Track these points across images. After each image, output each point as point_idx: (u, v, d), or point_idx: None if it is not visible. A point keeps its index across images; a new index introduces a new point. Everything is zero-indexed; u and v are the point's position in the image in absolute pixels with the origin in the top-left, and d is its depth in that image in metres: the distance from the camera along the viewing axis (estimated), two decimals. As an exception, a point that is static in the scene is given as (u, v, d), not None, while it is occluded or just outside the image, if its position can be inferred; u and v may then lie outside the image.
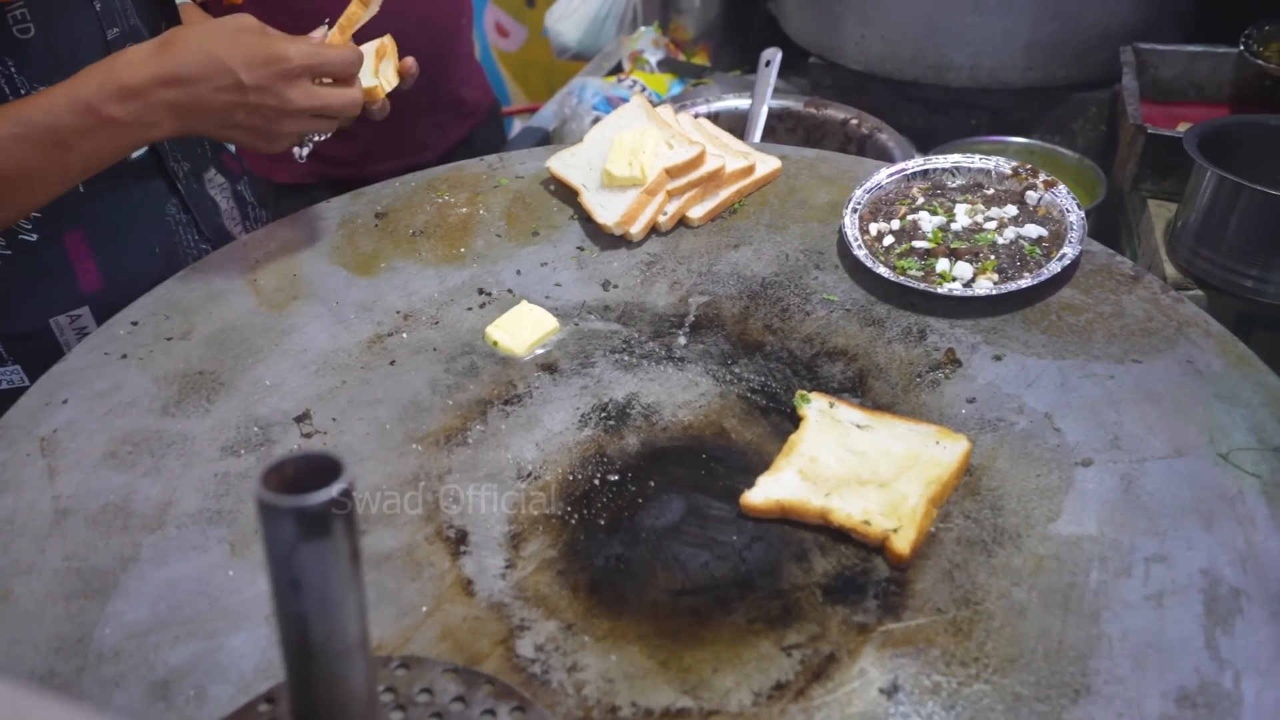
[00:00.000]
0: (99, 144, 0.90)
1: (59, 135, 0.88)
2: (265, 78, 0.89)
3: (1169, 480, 0.82)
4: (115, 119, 0.87)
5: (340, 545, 0.49)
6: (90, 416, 0.94)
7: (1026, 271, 1.04)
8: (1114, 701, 0.67)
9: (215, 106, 0.89)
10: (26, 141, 0.88)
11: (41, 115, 0.88)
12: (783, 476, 0.86)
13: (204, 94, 0.88)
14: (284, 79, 0.90)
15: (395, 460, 0.91)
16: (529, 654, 0.75)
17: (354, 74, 0.97)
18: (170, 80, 0.87)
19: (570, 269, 1.13)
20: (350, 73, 0.96)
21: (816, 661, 0.73)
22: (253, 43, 0.90)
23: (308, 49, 0.93)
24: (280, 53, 0.90)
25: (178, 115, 0.89)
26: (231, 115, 0.90)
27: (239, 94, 0.89)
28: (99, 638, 0.75)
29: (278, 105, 0.91)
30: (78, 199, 1.07)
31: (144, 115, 0.88)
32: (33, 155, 0.89)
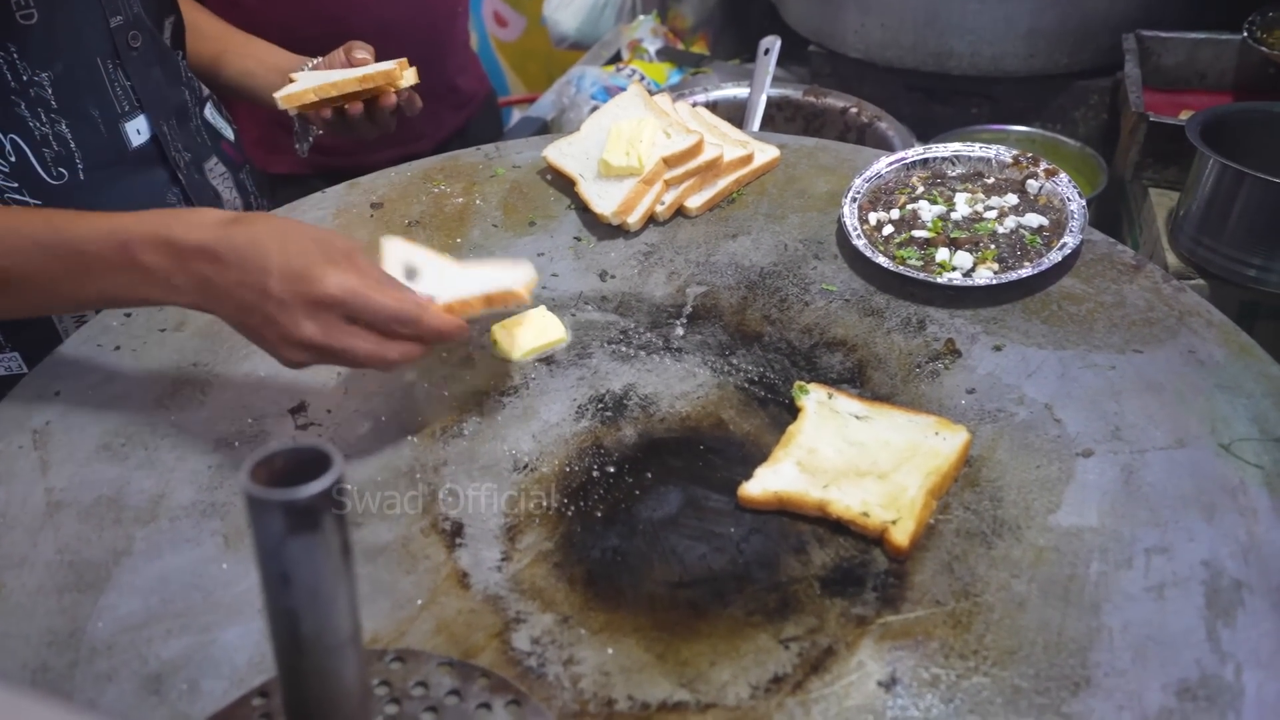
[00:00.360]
0: (120, 284, 0.82)
1: (84, 260, 0.81)
2: (290, 294, 0.79)
3: (1170, 471, 0.82)
4: (145, 268, 0.81)
5: (330, 539, 0.48)
6: (83, 409, 0.93)
7: (1027, 261, 1.03)
8: (1114, 694, 0.67)
9: (236, 300, 0.80)
10: (51, 254, 0.82)
11: (75, 235, 0.82)
12: (781, 468, 0.85)
13: (231, 283, 0.80)
14: (307, 304, 0.79)
15: (390, 452, 0.90)
16: (525, 647, 0.74)
17: (401, 332, 0.81)
18: (211, 256, 0.80)
19: (567, 259, 1.12)
20: (395, 331, 0.81)
21: (814, 654, 0.72)
22: (300, 254, 0.80)
23: (349, 284, 0.79)
24: (315, 275, 0.78)
25: (203, 292, 0.81)
26: (248, 315, 0.81)
27: (260, 298, 0.79)
28: (91, 631, 0.75)
29: (288, 328, 0.79)
30: (79, 187, 1.06)
31: (173, 276, 0.81)
32: (50, 269, 0.82)
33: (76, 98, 1.05)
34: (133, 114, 1.11)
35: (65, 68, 1.04)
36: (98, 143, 1.08)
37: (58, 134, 1.04)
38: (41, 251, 0.81)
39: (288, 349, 0.81)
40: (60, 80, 1.03)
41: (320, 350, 0.80)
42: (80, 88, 1.05)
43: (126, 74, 1.10)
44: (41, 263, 0.81)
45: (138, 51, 1.11)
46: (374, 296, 0.80)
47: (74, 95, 1.05)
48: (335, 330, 0.80)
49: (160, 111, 1.14)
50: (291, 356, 0.82)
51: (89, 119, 1.07)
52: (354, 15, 1.62)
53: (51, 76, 1.03)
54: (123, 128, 1.10)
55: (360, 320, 0.80)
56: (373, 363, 0.82)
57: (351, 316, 0.80)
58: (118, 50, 1.08)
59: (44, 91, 1.03)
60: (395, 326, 0.81)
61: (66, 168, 1.06)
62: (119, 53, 1.09)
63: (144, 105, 1.12)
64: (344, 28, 1.61)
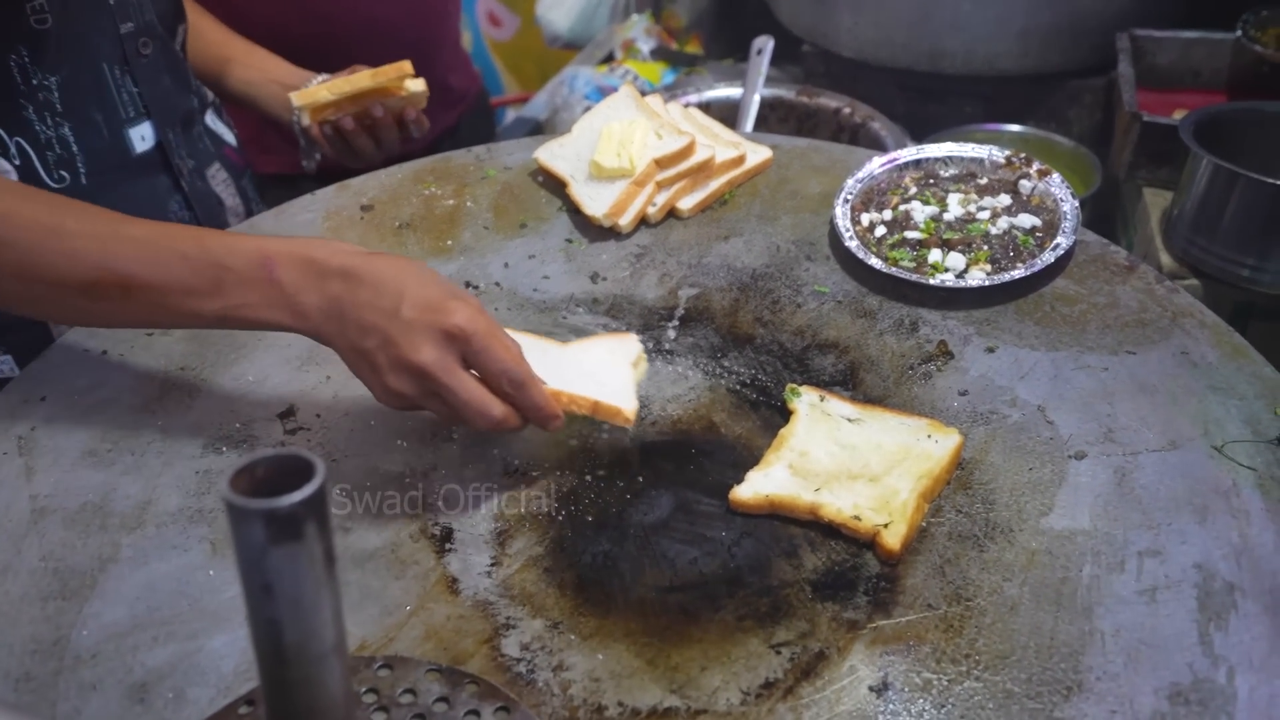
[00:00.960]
0: (247, 300, 0.80)
1: (221, 274, 0.80)
2: (418, 318, 0.78)
3: (1163, 473, 0.81)
4: (279, 284, 0.79)
5: (313, 548, 0.47)
6: (69, 414, 0.93)
7: (1020, 262, 1.03)
8: (1106, 698, 0.66)
9: (360, 321, 0.79)
10: (191, 265, 0.80)
11: (221, 250, 0.80)
12: (772, 471, 0.85)
13: (362, 302, 0.79)
14: (433, 330, 0.78)
15: (380, 457, 0.90)
16: (514, 653, 0.74)
17: (504, 389, 0.80)
18: (350, 276, 0.79)
19: (558, 261, 1.12)
20: (504, 389, 0.80)
21: (806, 659, 0.72)
22: (438, 288, 0.80)
23: (480, 324, 0.79)
24: (449, 307, 0.78)
25: (328, 312, 0.79)
26: (367, 336, 0.79)
27: (386, 319, 0.78)
28: (76, 639, 0.74)
29: (406, 351, 0.77)
30: (80, 191, 1.06)
31: (304, 294, 0.79)
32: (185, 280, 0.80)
33: (80, 102, 1.05)
34: (138, 120, 1.11)
35: (72, 72, 1.04)
36: (99, 147, 1.07)
37: (60, 137, 1.04)
38: (182, 262, 0.80)
39: (397, 376, 0.79)
40: (66, 84, 1.03)
41: (429, 381, 0.78)
42: (84, 92, 1.05)
43: (135, 80, 1.10)
44: (179, 273, 0.80)
45: (148, 59, 1.11)
46: (495, 344, 0.79)
47: (78, 99, 1.05)
48: (451, 366, 0.78)
49: (167, 119, 1.14)
50: (397, 386, 0.79)
51: (92, 123, 1.07)
52: (344, 14, 1.61)
53: (59, 80, 1.03)
54: (126, 133, 1.10)
55: (475, 364, 0.79)
56: (473, 411, 0.79)
57: (469, 358, 0.79)
58: (126, 56, 1.08)
59: (51, 95, 1.03)
60: (504, 383, 0.80)
61: (68, 171, 1.06)
62: (128, 59, 1.09)
63: (151, 112, 1.12)
64: (334, 26, 1.61)
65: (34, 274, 0.81)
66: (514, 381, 0.80)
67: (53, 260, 0.80)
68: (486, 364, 0.79)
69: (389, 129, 1.27)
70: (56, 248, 0.80)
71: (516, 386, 0.80)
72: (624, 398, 0.87)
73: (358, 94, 1.23)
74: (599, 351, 0.92)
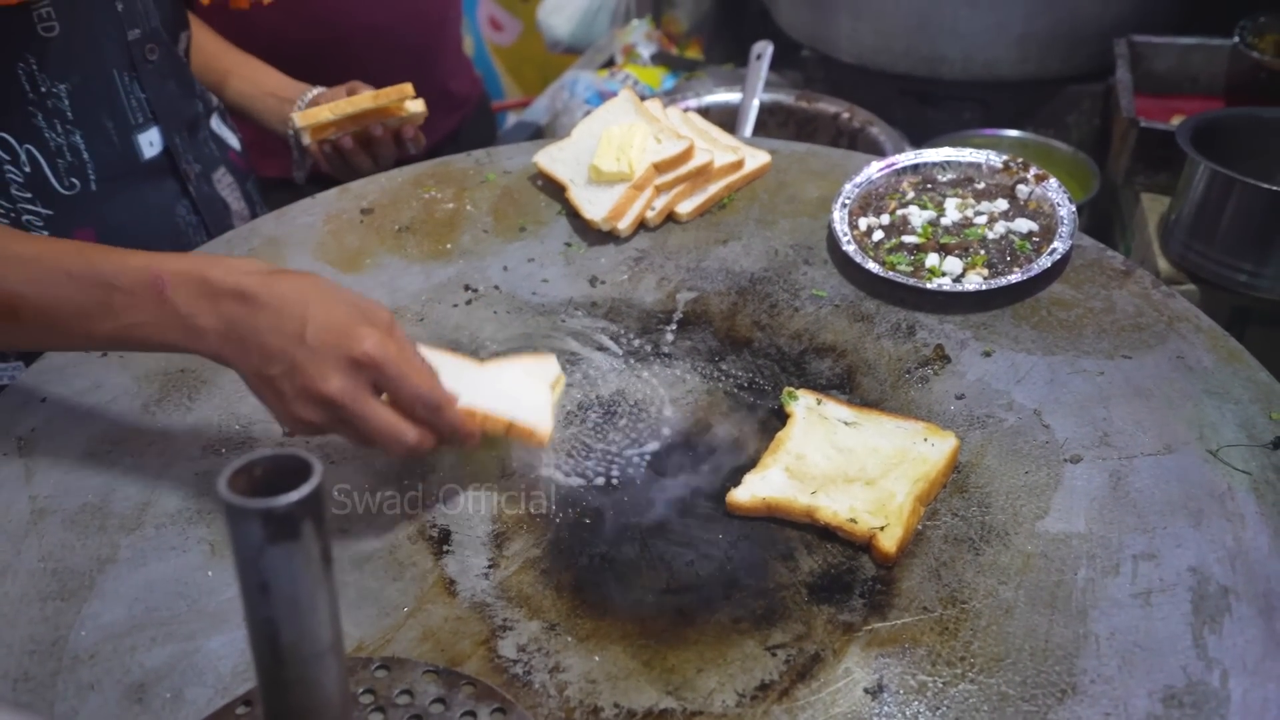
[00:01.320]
0: (139, 323, 0.78)
1: (110, 294, 0.77)
2: (324, 346, 0.74)
3: (1158, 477, 0.82)
4: (172, 305, 0.76)
5: (310, 548, 0.48)
6: (69, 415, 0.93)
7: (1016, 266, 1.03)
8: (1100, 701, 0.67)
9: (262, 347, 0.76)
10: (77, 284, 0.78)
11: (108, 269, 0.78)
12: (769, 474, 0.85)
13: (263, 327, 0.75)
14: (340, 359, 0.75)
15: (378, 458, 0.90)
16: (511, 654, 0.74)
17: (418, 414, 0.78)
18: (247, 298, 0.76)
19: (557, 265, 1.12)
20: (417, 413, 0.78)
21: (801, 661, 0.72)
22: (344, 312, 0.76)
23: (388, 350, 0.76)
24: (356, 333, 0.75)
25: (227, 336, 0.76)
26: (270, 363, 0.76)
27: (291, 345, 0.75)
28: (74, 640, 0.74)
29: (313, 380, 0.74)
30: (90, 197, 1.07)
31: (200, 316, 0.76)
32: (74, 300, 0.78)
33: (91, 109, 1.06)
34: (146, 126, 1.12)
35: (82, 79, 1.04)
36: (110, 154, 1.08)
37: (71, 144, 1.05)
38: (69, 282, 0.78)
39: (303, 405, 0.76)
40: (77, 91, 1.04)
41: (337, 410, 0.76)
42: (96, 99, 1.06)
43: (142, 86, 1.10)
44: (67, 294, 0.78)
45: (154, 64, 1.12)
46: (408, 369, 0.77)
47: (89, 106, 1.06)
48: (360, 395, 0.76)
49: (173, 123, 1.15)
50: (304, 414, 0.76)
51: (103, 130, 1.07)
52: (345, 20, 1.62)
53: (69, 88, 1.04)
54: (135, 139, 1.11)
55: (387, 390, 0.77)
56: (386, 438, 0.77)
57: (379, 384, 0.77)
58: (134, 63, 1.09)
59: (61, 102, 1.03)
60: (418, 407, 0.77)
61: (79, 178, 1.06)
62: (135, 65, 1.09)
63: (158, 117, 1.13)
64: (335, 33, 1.62)
65: None
66: (428, 406, 0.77)
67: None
68: (398, 390, 0.77)
69: (387, 145, 1.28)
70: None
71: (431, 411, 0.78)
72: (539, 418, 0.85)
73: (358, 114, 1.24)
74: (516, 371, 0.90)
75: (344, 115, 1.24)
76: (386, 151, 1.29)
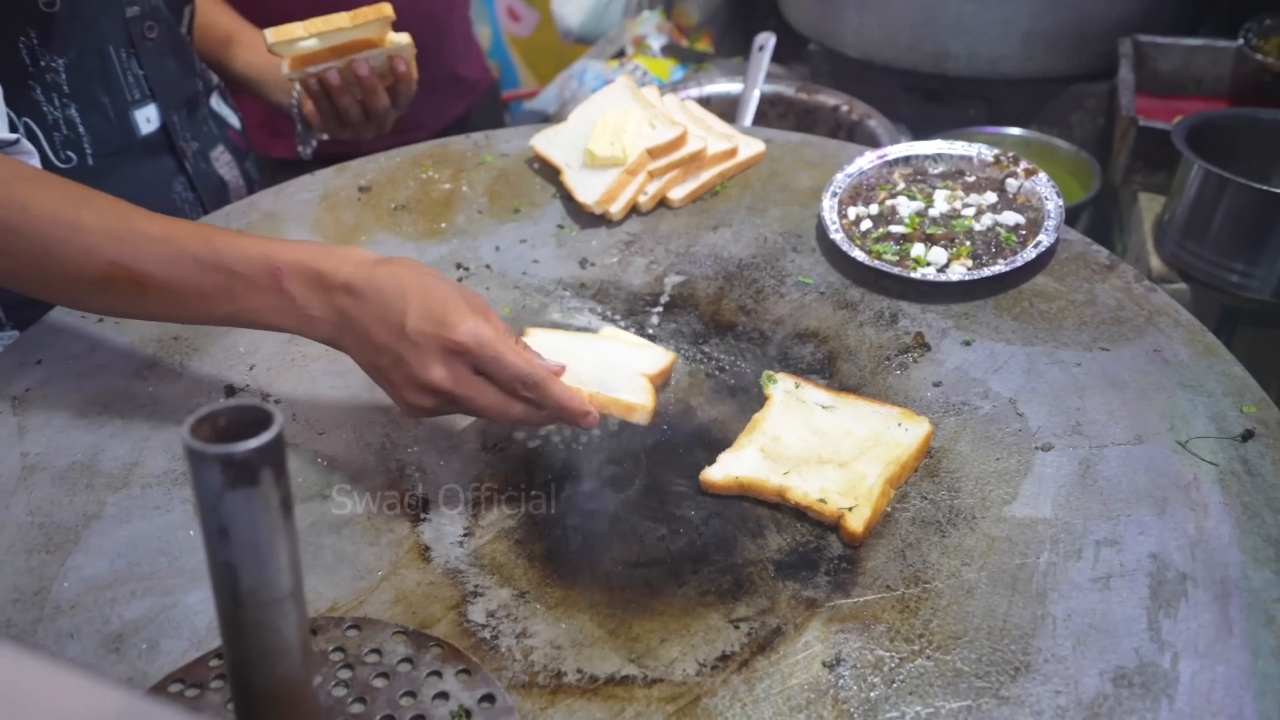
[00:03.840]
0: (259, 308, 0.82)
1: (232, 282, 0.81)
2: (424, 336, 0.78)
3: (1126, 466, 0.82)
4: (290, 295, 0.81)
5: (269, 495, 0.49)
6: (63, 377, 0.95)
7: (1001, 258, 1.04)
8: (1052, 679, 0.68)
9: (370, 338, 0.80)
10: (203, 268, 0.81)
11: (231, 255, 0.81)
12: (744, 454, 0.86)
13: (368, 318, 0.80)
14: (440, 348, 0.79)
15: (362, 428, 0.92)
16: (480, 619, 0.76)
17: (524, 395, 0.81)
18: (354, 291, 0.80)
19: (549, 246, 1.14)
20: (519, 391, 0.81)
21: (763, 634, 0.74)
22: (440, 300, 0.80)
23: (484, 334, 0.79)
24: (452, 320, 0.79)
25: (339, 326, 0.81)
26: (379, 354, 0.80)
27: (394, 338, 0.79)
28: (57, 591, 0.77)
29: (417, 370, 0.79)
30: (87, 172, 1.09)
31: (313, 307, 0.81)
32: (198, 283, 0.82)
33: (87, 84, 1.07)
34: (143, 102, 1.13)
35: (78, 54, 1.06)
36: (106, 129, 1.10)
37: (68, 119, 1.07)
38: (195, 265, 0.81)
39: (413, 392, 0.81)
40: (73, 66, 1.06)
41: (445, 396, 0.80)
42: (91, 74, 1.08)
43: (140, 63, 1.12)
44: (192, 276, 0.81)
45: (153, 42, 1.13)
46: (504, 351, 0.80)
47: (85, 81, 1.07)
48: (463, 378, 0.80)
49: (171, 101, 1.16)
50: (416, 400, 0.81)
51: (99, 105, 1.09)
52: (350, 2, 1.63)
53: (66, 62, 1.05)
54: (132, 115, 1.12)
55: (485, 372, 0.80)
56: (495, 415, 0.81)
57: (480, 368, 0.80)
58: (132, 40, 1.11)
59: (58, 76, 1.05)
60: (518, 386, 0.80)
61: (75, 152, 1.08)
62: (134, 42, 1.11)
63: (156, 95, 1.14)
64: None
65: (51, 266, 0.82)
66: (527, 384, 0.80)
67: (69, 254, 0.81)
68: (496, 373, 0.80)
69: (377, 93, 1.26)
70: (73, 242, 0.81)
71: (531, 388, 0.81)
72: (639, 395, 0.89)
73: (339, 45, 1.20)
74: (625, 350, 0.95)
75: (319, 34, 1.19)
76: (378, 100, 1.26)
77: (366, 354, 0.81)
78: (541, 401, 0.82)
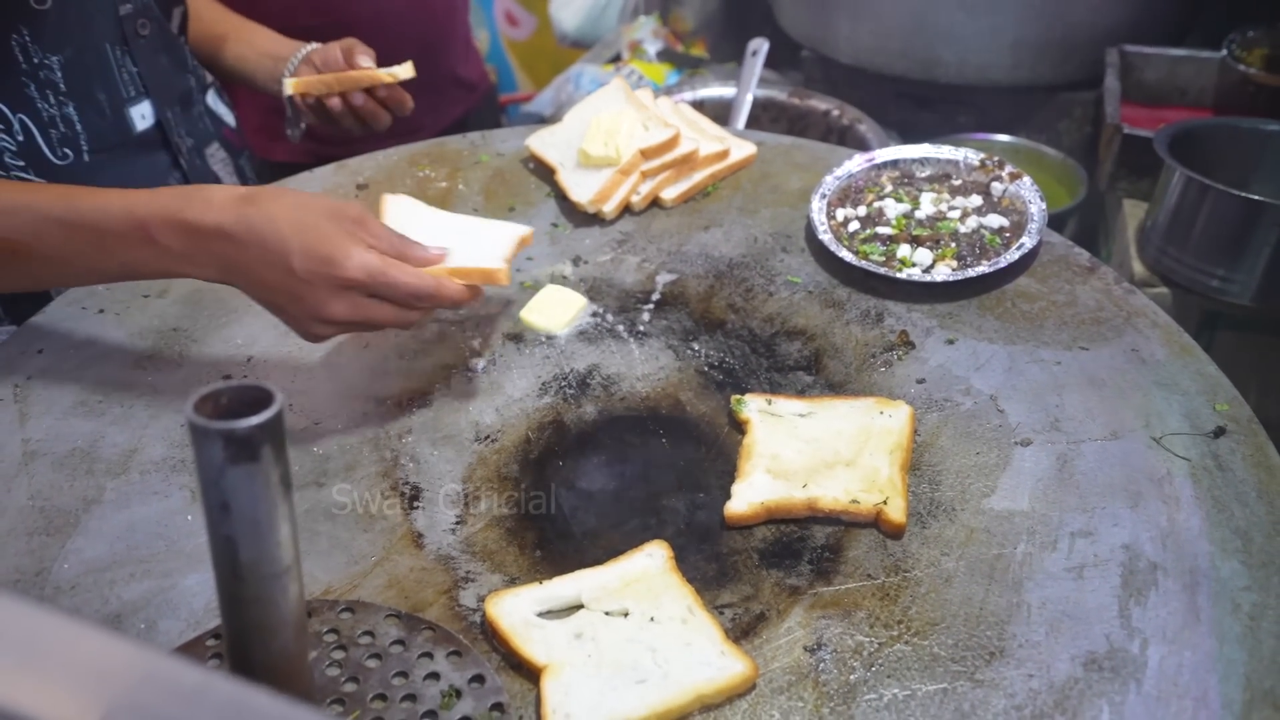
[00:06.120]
0: (141, 259, 0.85)
1: (102, 239, 0.83)
2: (314, 275, 0.82)
3: (1102, 461, 0.85)
4: (164, 246, 0.83)
5: (269, 470, 0.51)
6: (64, 366, 0.97)
7: (985, 259, 1.06)
8: (1026, 663, 0.70)
9: (259, 279, 0.83)
10: (69, 229, 0.83)
11: (93, 214, 0.83)
12: (754, 480, 0.85)
13: (252, 261, 0.82)
14: (332, 285, 0.82)
15: (357, 418, 0.94)
16: (471, 604, 0.78)
17: (420, 305, 0.87)
18: (228, 237, 0.82)
19: (543, 244, 1.16)
20: (414, 304, 0.86)
21: (746, 620, 0.75)
22: (322, 234, 0.82)
23: (371, 265, 0.82)
24: (339, 257, 0.81)
25: (224, 269, 0.84)
26: (273, 293, 0.84)
27: (285, 277, 0.82)
28: (57, 572, 0.78)
29: (315, 307, 0.83)
30: (83, 168, 1.10)
31: (194, 255, 0.83)
32: (70, 244, 0.84)
33: (84, 82, 1.09)
34: (138, 99, 1.15)
35: (75, 52, 1.07)
36: (102, 126, 1.11)
37: (64, 116, 1.08)
38: (60, 227, 0.83)
39: (314, 325, 0.85)
40: (69, 64, 1.07)
41: (344, 324, 0.85)
42: (88, 72, 1.09)
43: (134, 60, 1.13)
44: (60, 238, 0.83)
45: (146, 39, 1.15)
46: (395, 276, 0.84)
47: (81, 79, 1.08)
48: (360, 305, 0.84)
49: (165, 98, 1.18)
50: (318, 331, 0.86)
51: (95, 103, 1.10)
52: (352, 4, 1.66)
53: (61, 60, 1.06)
54: (127, 112, 1.14)
55: (382, 296, 0.84)
56: (394, 325, 0.87)
57: (374, 294, 0.84)
58: (126, 37, 1.12)
59: (53, 74, 1.06)
60: (413, 301, 0.85)
61: (71, 149, 1.09)
62: (127, 40, 1.12)
63: (150, 91, 1.16)
64: (343, 16, 1.65)
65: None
66: (421, 297, 0.85)
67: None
68: (391, 295, 0.85)
69: (375, 117, 1.29)
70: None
71: (425, 299, 0.86)
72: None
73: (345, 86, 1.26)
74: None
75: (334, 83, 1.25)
76: (375, 121, 1.30)
77: (259, 293, 0.85)
78: (436, 304, 0.87)
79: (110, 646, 0.31)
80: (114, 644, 0.31)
